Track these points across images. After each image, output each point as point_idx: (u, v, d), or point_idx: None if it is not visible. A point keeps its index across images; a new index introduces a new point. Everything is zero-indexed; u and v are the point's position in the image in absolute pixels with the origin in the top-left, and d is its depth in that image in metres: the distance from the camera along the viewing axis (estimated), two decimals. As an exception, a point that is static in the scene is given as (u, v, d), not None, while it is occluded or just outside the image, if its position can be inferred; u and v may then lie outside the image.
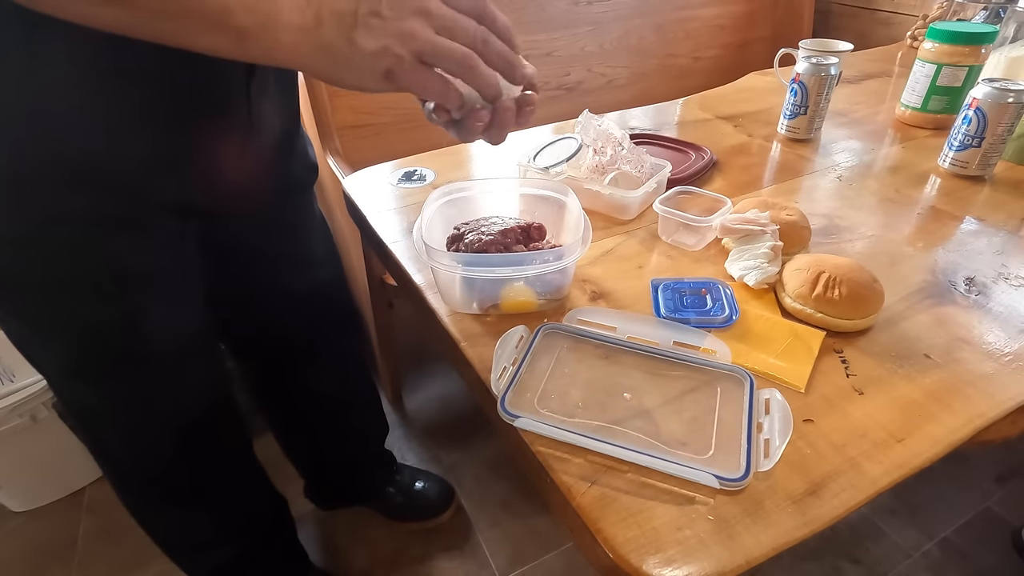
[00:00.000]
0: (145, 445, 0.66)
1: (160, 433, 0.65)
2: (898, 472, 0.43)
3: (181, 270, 0.59)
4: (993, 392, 0.49)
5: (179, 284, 0.59)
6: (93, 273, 0.52)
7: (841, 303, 0.54)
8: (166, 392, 0.62)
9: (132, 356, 0.58)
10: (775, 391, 0.47)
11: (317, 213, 0.77)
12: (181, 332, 0.61)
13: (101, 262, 0.51)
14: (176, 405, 0.64)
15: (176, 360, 0.61)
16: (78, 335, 0.55)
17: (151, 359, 0.59)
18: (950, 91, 0.94)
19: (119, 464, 0.69)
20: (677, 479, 0.42)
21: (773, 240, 0.61)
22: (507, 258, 0.55)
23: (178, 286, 0.59)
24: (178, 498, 0.72)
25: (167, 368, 0.61)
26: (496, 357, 0.50)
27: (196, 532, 0.77)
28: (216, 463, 0.73)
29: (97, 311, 0.54)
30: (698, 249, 0.68)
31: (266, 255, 0.71)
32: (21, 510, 1.18)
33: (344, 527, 1.12)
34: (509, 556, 1.06)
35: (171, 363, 0.61)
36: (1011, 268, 0.64)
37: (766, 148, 0.95)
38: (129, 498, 0.72)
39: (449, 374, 1.44)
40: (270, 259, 0.71)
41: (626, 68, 1.53)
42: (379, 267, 1.08)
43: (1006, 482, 1.18)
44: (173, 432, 0.65)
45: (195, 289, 0.62)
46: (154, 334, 0.58)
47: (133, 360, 0.58)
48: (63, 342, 0.56)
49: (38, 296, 0.52)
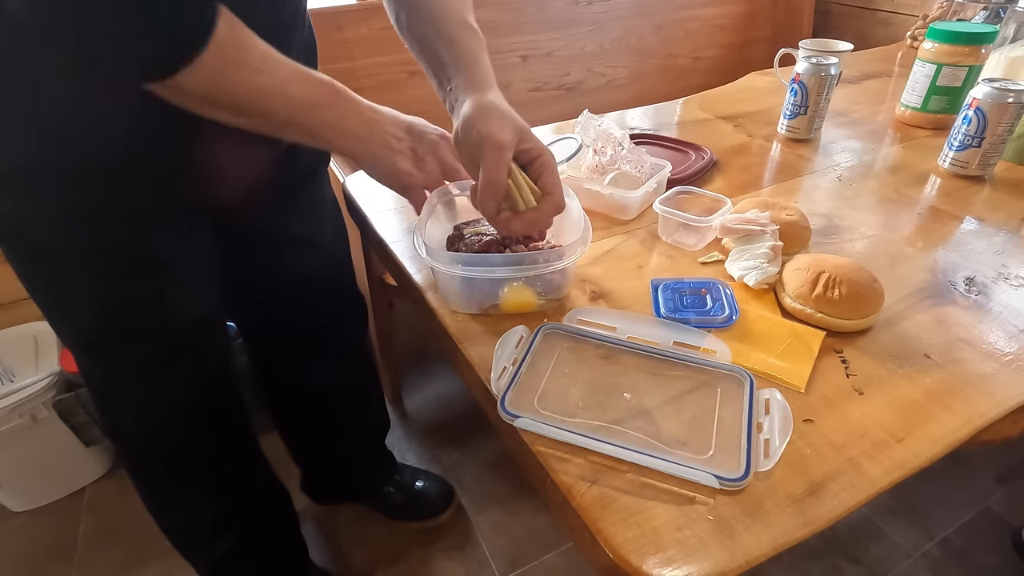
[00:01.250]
0: (157, 421, 0.68)
1: (172, 410, 0.67)
2: (898, 472, 0.43)
3: (198, 255, 0.62)
4: (993, 392, 0.49)
5: (196, 268, 0.62)
6: (119, 256, 0.56)
7: (841, 303, 0.54)
8: (179, 370, 0.65)
9: (150, 333, 0.61)
10: (775, 391, 0.47)
11: (329, 196, 0.79)
12: (197, 313, 0.64)
13: (126, 247, 0.56)
14: (188, 383, 0.67)
15: (190, 339, 0.64)
16: (101, 311, 0.58)
17: (168, 337, 0.62)
18: (950, 91, 0.94)
19: (131, 439, 0.70)
20: (677, 479, 0.42)
21: (773, 240, 0.61)
22: (507, 258, 0.55)
23: (195, 270, 0.62)
24: (186, 476, 0.74)
25: (182, 346, 0.64)
26: (496, 357, 0.50)
27: (201, 515, 0.79)
28: (223, 443, 0.75)
29: (120, 290, 0.57)
30: (698, 249, 0.68)
31: (278, 239, 0.73)
32: (21, 510, 1.18)
33: (344, 526, 1.12)
34: (509, 556, 1.06)
35: (185, 342, 0.64)
36: (1011, 268, 0.64)
37: (766, 148, 0.95)
38: (138, 475, 0.74)
39: (449, 374, 1.44)
40: (282, 243, 0.73)
41: (626, 68, 1.53)
42: (379, 267, 1.08)
43: (1006, 482, 1.18)
44: (184, 409, 0.68)
45: (211, 272, 0.65)
46: (172, 314, 0.61)
47: (151, 337, 0.61)
48: (86, 316, 0.59)
49: (67, 272, 0.56)
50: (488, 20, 1.30)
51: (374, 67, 1.20)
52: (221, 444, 0.75)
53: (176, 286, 0.60)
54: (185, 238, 0.60)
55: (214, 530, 0.80)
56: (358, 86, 1.19)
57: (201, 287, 0.64)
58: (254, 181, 0.60)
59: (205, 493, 0.77)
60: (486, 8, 1.29)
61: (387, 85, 1.24)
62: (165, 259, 0.59)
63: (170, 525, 0.79)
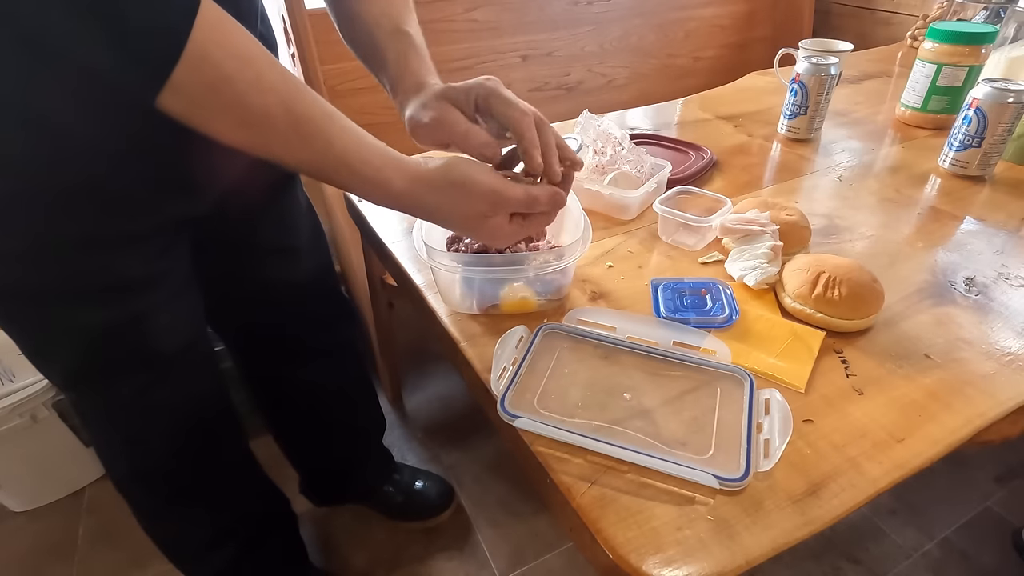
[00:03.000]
0: (147, 446, 0.66)
1: (161, 435, 0.65)
2: (898, 472, 0.43)
3: (178, 272, 0.60)
4: (993, 392, 0.49)
5: (177, 286, 0.60)
6: (93, 284, 0.53)
7: (841, 303, 0.54)
8: (167, 393, 0.63)
9: (130, 362, 0.59)
10: (775, 391, 0.47)
11: (302, 199, 0.77)
12: (178, 333, 0.61)
13: (100, 273, 0.53)
14: (177, 406, 0.64)
15: (174, 361, 0.62)
16: (79, 343, 0.56)
17: (150, 363, 0.60)
18: (950, 91, 0.94)
19: (120, 466, 0.69)
20: (677, 479, 0.42)
21: (773, 240, 0.61)
22: (507, 258, 0.55)
23: (176, 288, 0.60)
24: (180, 497, 0.72)
25: (167, 370, 0.62)
26: (496, 357, 0.50)
27: (197, 532, 0.78)
28: (217, 462, 0.74)
29: (96, 319, 0.55)
30: (698, 249, 0.68)
31: (257, 248, 0.71)
32: (21, 510, 1.17)
33: (344, 527, 1.12)
34: (509, 556, 1.06)
35: (172, 364, 0.62)
36: (1011, 268, 0.64)
37: (766, 148, 0.95)
38: (132, 498, 0.73)
39: (449, 374, 1.44)
40: (261, 252, 0.72)
41: (626, 68, 1.53)
42: (379, 267, 1.08)
43: (1006, 482, 1.18)
44: (174, 432, 0.66)
45: (192, 287, 0.63)
46: (152, 338, 0.59)
47: (132, 366, 0.59)
48: (65, 349, 0.57)
49: (41, 306, 0.53)
50: (488, 20, 1.30)
51: (374, 67, 1.20)
52: (214, 462, 0.73)
53: (154, 309, 0.58)
54: (160, 257, 0.57)
55: (210, 544, 0.79)
56: (357, 86, 1.19)
57: (181, 306, 0.62)
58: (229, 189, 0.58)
59: (200, 510, 0.75)
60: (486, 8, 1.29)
61: (387, 85, 1.24)
62: (140, 282, 0.56)
63: (165, 541, 0.78)
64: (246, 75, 0.38)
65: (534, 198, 0.49)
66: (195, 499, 0.74)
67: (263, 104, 0.39)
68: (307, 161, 0.43)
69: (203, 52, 0.35)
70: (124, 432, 0.64)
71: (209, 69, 0.36)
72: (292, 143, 0.41)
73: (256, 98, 0.38)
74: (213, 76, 0.36)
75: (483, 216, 0.48)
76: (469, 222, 0.49)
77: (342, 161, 0.43)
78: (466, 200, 0.47)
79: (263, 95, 0.39)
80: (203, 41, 0.35)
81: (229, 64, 0.37)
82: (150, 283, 0.56)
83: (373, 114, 1.21)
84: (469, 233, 0.52)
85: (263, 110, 0.39)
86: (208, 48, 0.36)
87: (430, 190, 0.47)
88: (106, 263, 0.52)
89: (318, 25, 1.03)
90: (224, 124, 0.39)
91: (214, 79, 0.37)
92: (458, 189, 0.47)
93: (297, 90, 0.41)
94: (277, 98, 0.39)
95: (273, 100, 0.39)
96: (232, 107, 0.38)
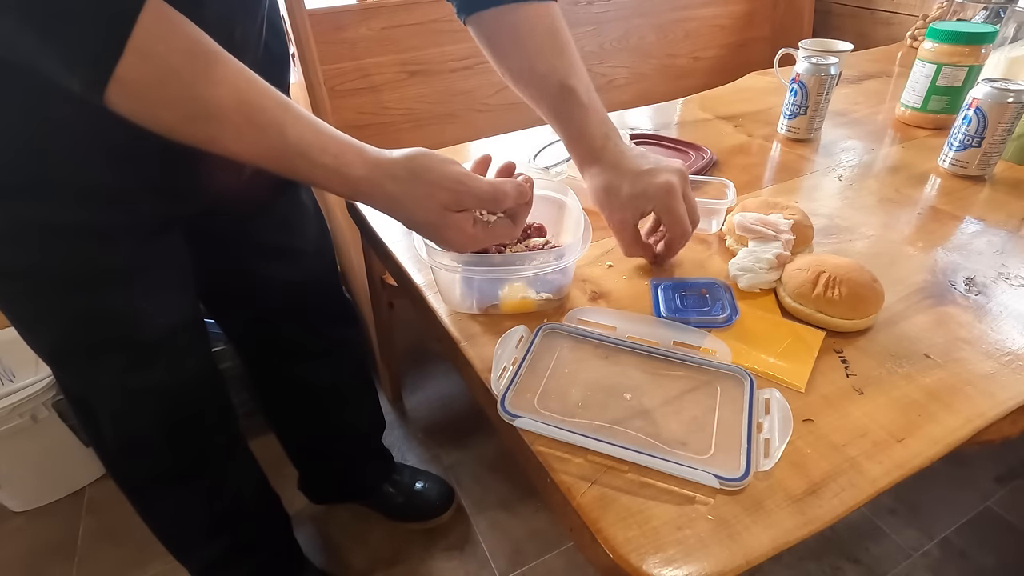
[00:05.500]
0: (135, 428, 0.67)
1: (148, 418, 0.66)
2: (898, 472, 0.43)
3: (166, 260, 0.61)
4: (993, 392, 0.49)
5: (165, 273, 0.61)
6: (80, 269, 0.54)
7: (841, 303, 0.54)
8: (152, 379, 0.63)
9: (118, 344, 0.60)
10: (775, 391, 0.47)
11: (309, 202, 0.77)
12: (168, 321, 0.62)
13: (88, 260, 0.54)
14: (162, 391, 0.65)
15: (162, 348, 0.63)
16: (66, 324, 0.57)
17: (137, 347, 0.61)
18: (950, 91, 0.94)
19: (109, 447, 0.69)
20: (677, 479, 0.42)
21: (781, 250, 0.61)
22: (507, 258, 0.55)
23: (161, 279, 0.61)
24: (169, 481, 0.73)
25: (153, 355, 0.62)
26: (496, 357, 0.50)
27: (189, 518, 0.78)
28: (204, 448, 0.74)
29: (83, 303, 0.56)
30: (716, 231, 0.70)
31: (257, 247, 0.72)
32: (21, 510, 1.18)
33: (343, 527, 1.12)
34: (509, 556, 1.06)
35: (157, 351, 0.62)
36: (1011, 268, 0.64)
37: (766, 148, 0.95)
38: (122, 480, 0.73)
39: (449, 374, 1.44)
40: (262, 251, 0.72)
41: (626, 68, 1.53)
42: (379, 267, 1.08)
43: (1006, 482, 1.18)
44: (160, 417, 0.66)
45: (184, 277, 0.64)
46: (140, 324, 0.59)
47: (119, 348, 0.60)
48: (51, 330, 0.58)
49: (28, 287, 0.54)
50: (488, 20, 1.30)
51: (374, 67, 1.20)
52: (202, 449, 0.73)
53: (143, 296, 0.58)
54: (152, 247, 0.58)
55: (205, 533, 0.80)
56: (357, 86, 1.19)
57: (172, 295, 0.62)
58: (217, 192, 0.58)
59: (191, 496, 0.76)
60: (486, 8, 1.29)
61: (387, 85, 1.24)
62: (130, 270, 0.57)
63: (159, 528, 0.79)
64: (194, 68, 0.37)
65: (502, 193, 0.48)
66: (182, 483, 0.74)
67: (214, 96, 0.38)
68: (263, 153, 0.42)
69: (146, 47, 0.35)
70: (108, 408, 0.65)
71: (154, 63, 0.36)
72: (246, 135, 0.41)
73: (206, 90, 0.38)
74: (159, 70, 0.36)
75: (445, 210, 0.47)
76: (430, 215, 0.47)
77: (299, 150, 0.42)
78: (428, 189, 0.46)
79: (213, 87, 0.38)
80: (146, 36, 0.35)
81: (175, 58, 0.36)
82: (139, 271, 0.57)
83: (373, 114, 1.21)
84: (429, 231, 0.50)
85: (215, 102, 0.38)
86: (150, 43, 0.35)
87: (390, 178, 0.46)
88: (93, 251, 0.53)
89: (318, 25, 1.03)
90: (173, 118, 0.39)
91: (161, 73, 0.36)
92: (420, 177, 0.46)
93: (249, 82, 0.40)
94: (228, 90, 0.39)
95: (224, 92, 0.39)
96: (180, 101, 0.38)
